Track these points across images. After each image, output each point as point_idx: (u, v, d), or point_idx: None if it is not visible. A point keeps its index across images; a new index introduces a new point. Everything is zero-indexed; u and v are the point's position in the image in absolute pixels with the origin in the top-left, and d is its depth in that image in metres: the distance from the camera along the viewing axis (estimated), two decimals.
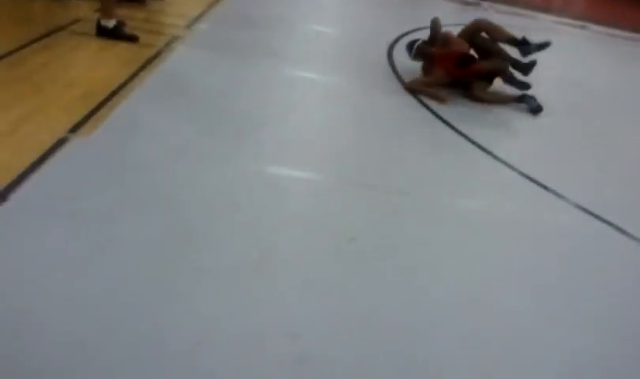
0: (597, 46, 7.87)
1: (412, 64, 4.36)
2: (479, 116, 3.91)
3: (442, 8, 8.02)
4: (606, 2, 11.79)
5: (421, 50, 4.25)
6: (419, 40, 4.31)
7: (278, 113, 3.33)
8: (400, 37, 5.35)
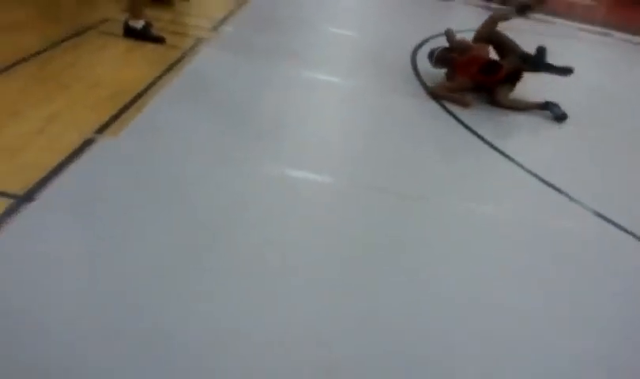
0: (620, 54, 7.76)
1: (435, 70, 4.36)
2: (501, 122, 3.90)
3: (464, 11, 8.01)
4: (628, 9, 11.60)
5: (442, 57, 4.24)
6: (439, 48, 4.31)
7: (298, 115, 3.36)
8: (423, 42, 5.35)
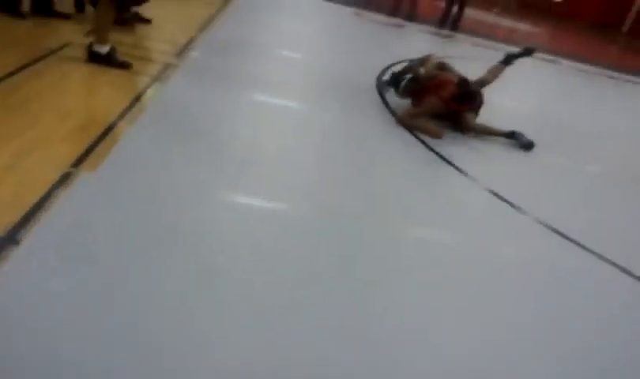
0: (570, 81, 8.15)
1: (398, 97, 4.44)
2: (472, 148, 3.99)
3: (421, 39, 8.24)
4: (570, 36, 12.23)
5: (409, 87, 4.28)
6: (404, 77, 4.32)
7: (264, 142, 3.31)
8: (388, 67, 5.45)
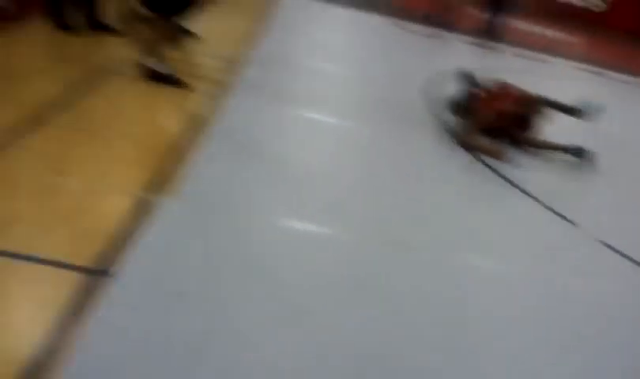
0: (619, 93, 7.84)
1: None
2: (531, 164, 3.86)
3: (462, 50, 8.11)
4: (616, 46, 11.94)
5: (465, 104, 4.18)
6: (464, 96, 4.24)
7: (324, 165, 3.23)
8: (432, 82, 5.35)
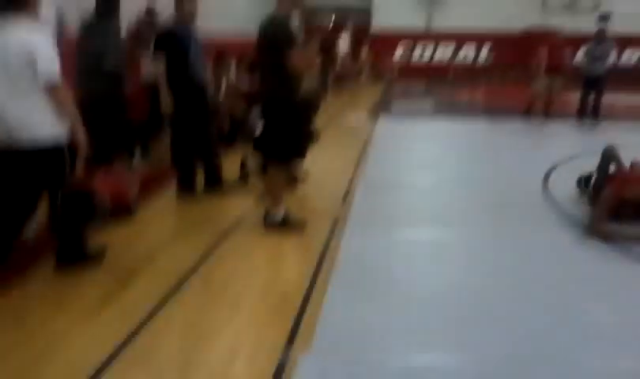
0: None
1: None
2: None
3: (564, 133, 7.80)
4: None
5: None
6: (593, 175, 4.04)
7: (447, 289, 3.10)
8: (548, 174, 5.11)
